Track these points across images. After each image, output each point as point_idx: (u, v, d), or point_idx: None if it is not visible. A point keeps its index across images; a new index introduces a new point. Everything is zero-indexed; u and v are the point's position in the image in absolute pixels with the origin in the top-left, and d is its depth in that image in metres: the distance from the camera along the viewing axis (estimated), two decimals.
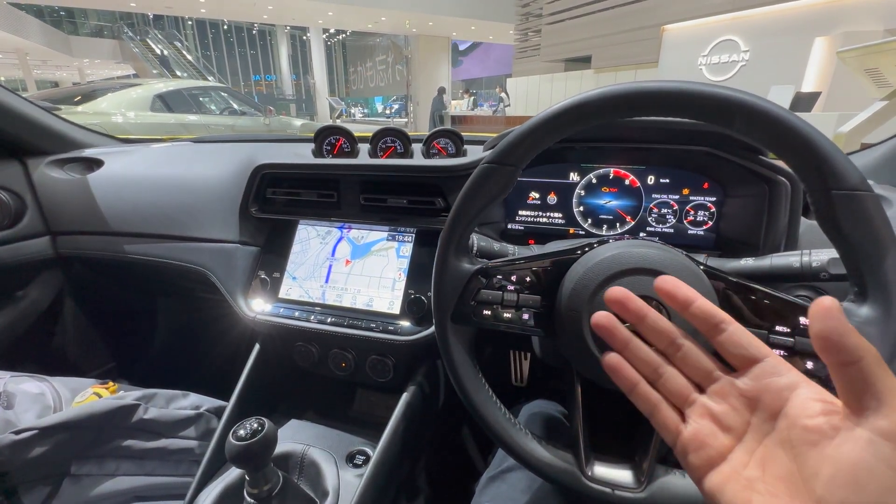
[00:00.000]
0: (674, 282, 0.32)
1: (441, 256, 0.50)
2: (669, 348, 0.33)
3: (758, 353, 0.29)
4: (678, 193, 0.72)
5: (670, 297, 0.32)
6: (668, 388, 0.32)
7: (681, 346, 0.32)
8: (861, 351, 0.24)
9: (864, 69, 1.56)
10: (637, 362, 0.34)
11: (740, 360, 0.30)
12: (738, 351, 0.30)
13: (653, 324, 0.33)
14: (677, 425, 0.31)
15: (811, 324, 0.25)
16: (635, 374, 0.33)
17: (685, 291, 0.32)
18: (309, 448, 0.73)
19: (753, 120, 0.39)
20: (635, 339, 0.34)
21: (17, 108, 0.98)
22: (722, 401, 0.30)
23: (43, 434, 0.65)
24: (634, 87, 0.42)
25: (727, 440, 0.29)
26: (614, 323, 0.34)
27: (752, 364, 0.29)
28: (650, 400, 0.32)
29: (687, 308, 0.32)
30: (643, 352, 0.33)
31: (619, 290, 0.34)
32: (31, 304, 1.05)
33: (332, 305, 0.80)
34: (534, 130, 0.45)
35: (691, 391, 0.31)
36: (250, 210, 0.87)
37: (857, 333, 0.25)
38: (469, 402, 0.50)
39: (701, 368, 0.32)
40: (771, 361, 0.29)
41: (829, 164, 0.38)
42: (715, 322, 0.31)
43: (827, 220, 0.39)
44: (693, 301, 0.31)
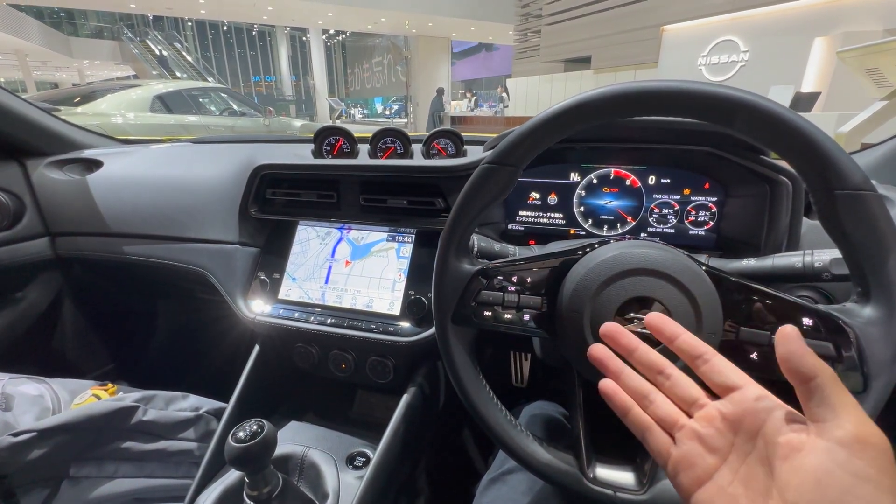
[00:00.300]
0: (661, 318, 0.37)
1: (441, 257, 0.49)
2: (659, 377, 0.36)
3: (738, 380, 0.32)
4: (679, 193, 0.72)
5: (657, 332, 0.36)
6: (658, 413, 0.35)
7: (670, 375, 0.35)
8: (817, 370, 0.28)
9: (864, 69, 1.56)
10: (629, 390, 0.36)
11: (722, 388, 0.33)
12: (720, 379, 0.33)
13: (643, 356, 0.36)
14: (668, 448, 0.33)
15: (776, 348, 0.30)
16: (628, 399, 0.36)
17: (671, 328, 0.36)
18: (309, 450, 0.72)
19: (755, 119, 0.39)
20: (627, 369, 0.37)
21: (16, 109, 0.98)
22: (708, 424, 0.32)
23: (41, 436, 0.65)
24: (635, 87, 0.41)
25: (713, 460, 0.31)
26: (608, 355, 0.38)
27: (733, 390, 0.32)
28: (642, 424, 0.35)
29: (672, 342, 0.36)
30: (635, 381, 0.36)
31: (611, 325, 0.38)
32: (29, 306, 1.04)
33: (331, 306, 0.80)
34: (534, 130, 0.45)
35: (680, 416, 0.34)
36: (250, 211, 0.87)
37: (813, 355, 0.29)
38: (469, 404, 0.50)
39: (688, 396, 0.34)
40: (750, 388, 0.32)
41: (831, 163, 0.37)
42: (698, 353, 0.34)
43: (829, 220, 0.39)
44: (678, 336, 0.35)
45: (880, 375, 0.38)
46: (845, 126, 1.49)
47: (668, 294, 0.43)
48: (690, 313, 0.42)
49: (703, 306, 0.42)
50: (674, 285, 0.43)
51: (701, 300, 0.42)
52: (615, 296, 0.44)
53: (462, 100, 15.70)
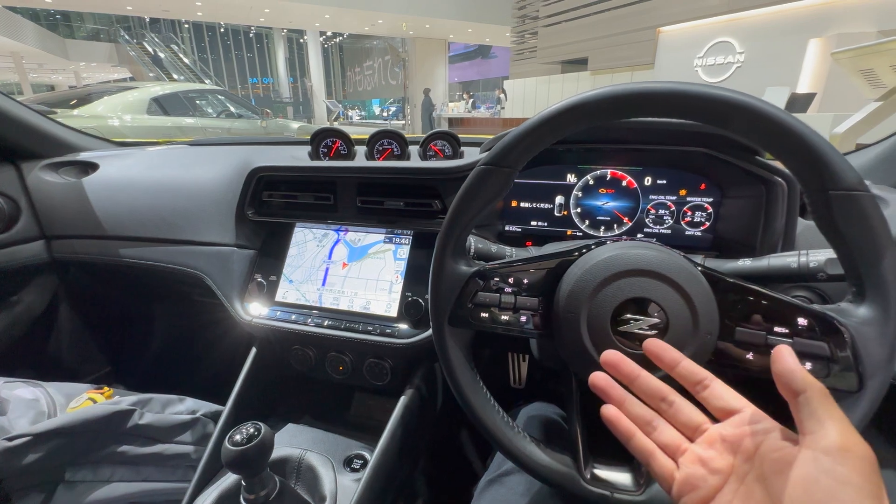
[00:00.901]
0: (660, 345, 0.38)
1: (438, 259, 0.49)
2: (661, 404, 0.37)
3: (737, 404, 0.34)
4: (675, 194, 0.72)
5: (657, 358, 0.37)
6: (661, 439, 0.36)
7: (672, 402, 0.36)
8: (806, 384, 0.30)
9: (858, 70, 1.57)
10: (632, 417, 0.37)
11: (722, 412, 0.34)
12: (720, 403, 0.34)
13: (645, 384, 0.37)
14: (671, 472, 0.34)
15: (772, 365, 0.32)
16: (631, 426, 0.37)
17: (671, 354, 0.37)
18: (306, 452, 0.72)
19: (750, 121, 0.39)
20: (630, 397, 0.38)
21: (11, 112, 0.97)
22: (709, 447, 0.34)
23: (37, 440, 0.64)
24: (631, 88, 0.41)
25: (715, 481, 0.32)
26: (610, 383, 0.38)
27: (732, 414, 0.34)
28: (645, 450, 0.36)
29: (673, 368, 0.36)
30: (637, 408, 0.37)
31: (612, 353, 0.38)
32: (25, 309, 1.04)
33: (328, 308, 0.79)
34: (530, 132, 0.45)
35: (682, 441, 0.35)
36: (246, 213, 0.86)
37: (804, 372, 0.31)
38: (467, 406, 0.50)
39: (691, 422, 0.35)
40: (749, 411, 0.33)
41: (826, 164, 0.38)
42: (698, 379, 0.36)
43: (824, 221, 0.39)
44: (678, 362, 0.36)
45: (875, 375, 0.38)
46: (840, 127, 1.50)
47: (665, 295, 0.43)
48: (686, 314, 0.42)
49: (699, 307, 0.42)
50: (670, 286, 0.43)
51: (697, 301, 0.42)
52: (611, 297, 0.44)
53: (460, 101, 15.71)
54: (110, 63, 19.73)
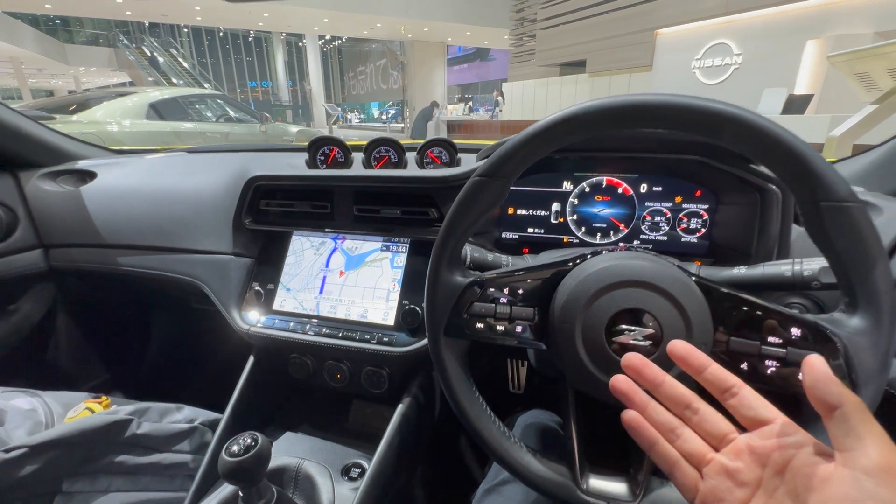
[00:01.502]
0: (687, 348, 0.35)
1: (433, 270, 0.49)
2: (686, 412, 0.35)
3: (768, 415, 0.32)
4: (671, 201, 0.73)
5: (684, 362, 0.35)
6: (685, 448, 0.34)
7: (697, 409, 0.35)
8: (842, 398, 0.28)
9: (854, 73, 1.57)
10: (655, 424, 0.35)
11: (751, 422, 0.32)
12: (750, 413, 0.33)
13: (669, 390, 0.35)
14: (695, 482, 0.33)
15: (803, 377, 0.30)
16: (654, 433, 0.35)
17: (699, 358, 0.35)
18: (304, 462, 0.72)
19: (742, 132, 0.40)
20: (653, 403, 0.36)
21: (9, 121, 0.97)
22: (736, 458, 0.32)
23: (34, 452, 0.64)
24: (624, 101, 0.42)
25: (742, 494, 0.31)
26: (633, 388, 0.36)
27: (762, 424, 0.32)
28: (669, 458, 0.34)
29: (700, 373, 0.34)
30: (661, 415, 0.35)
31: (635, 356, 0.37)
32: (23, 318, 1.04)
33: (326, 317, 0.79)
34: (524, 143, 0.45)
35: (708, 451, 0.33)
36: (244, 222, 0.87)
37: (839, 384, 0.29)
38: (463, 416, 0.50)
39: (717, 431, 0.34)
40: (780, 422, 0.32)
41: (817, 175, 0.38)
42: (727, 386, 0.34)
43: (816, 232, 0.40)
44: (706, 367, 0.34)
45: (868, 385, 0.39)
46: (836, 130, 1.51)
47: (659, 305, 0.43)
48: (680, 324, 0.42)
49: (692, 317, 0.42)
50: (664, 297, 0.43)
51: (690, 311, 0.42)
52: (606, 307, 0.44)
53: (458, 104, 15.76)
54: (109, 67, 19.77)
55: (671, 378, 0.36)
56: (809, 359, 0.31)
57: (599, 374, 0.44)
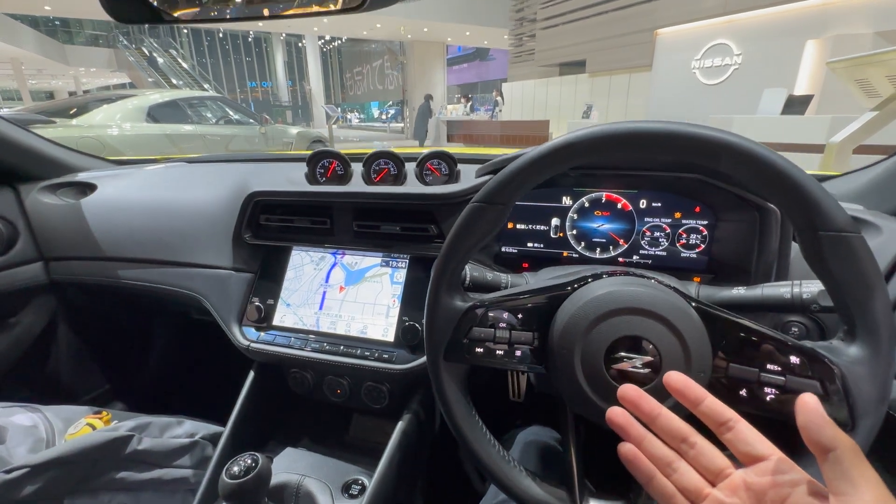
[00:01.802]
0: (683, 380, 0.35)
1: (433, 294, 0.50)
2: (683, 445, 0.35)
3: (764, 451, 0.32)
4: (670, 217, 0.73)
5: (680, 394, 0.35)
6: (682, 482, 0.34)
7: (694, 444, 0.35)
8: (836, 441, 0.28)
9: (854, 80, 1.57)
10: (652, 458, 0.35)
11: (747, 457, 0.33)
12: (746, 448, 0.33)
13: (665, 424, 0.35)
14: None
15: (797, 417, 0.30)
16: (651, 467, 0.35)
17: (695, 391, 0.35)
18: (304, 478, 0.72)
19: (739, 161, 0.40)
20: (650, 436, 0.36)
21: (7, 135, 0.98)
22: (732, 494, 0.32)
23: (35, 471, 0.64)
24: (621, 128, 0.42)
25: None
26: (629, 420, 0.36)
27: (758, 460, 0.32)
28: (665, 493, 0.34)
29: (696, 406, 0.35)
30: (658, 449, 0.35)
31: (631, 388, 0.37)
32: (24, 331, 1.04)
33: (326, 333, 0.80)
34: (522, 170, 0.45)
35: (705, 486, 0.34)
36: (244, 237, 0.87)
37: (833, 426, 0.29)
38: (463, 441, 0.50)
39: (714, 466, 0.34)
40: (775, 459, 0.32)
41: (815, 205, 0.38)
42: (723, 420, 0.34)
43: (815, 260, 0.40)
44: (702, 400, 0.35)
45: (867, 415, 0.39)
46: (836, 136, 1.51)
47: (658, 334, 0.43)
48: (679, 352, 0.42)
49: (691, 346, 0.42)
50: (663, 325, 0.43)
51: (689, 339, 0.42)
52: (605, 334, 0.44)
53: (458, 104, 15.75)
54: (109, 68, 19.78)
55: (667, 411, 0.36)
56: (803, 398, 0.31)
57: (598, 401, 0.44)
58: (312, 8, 0.61)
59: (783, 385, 0.41)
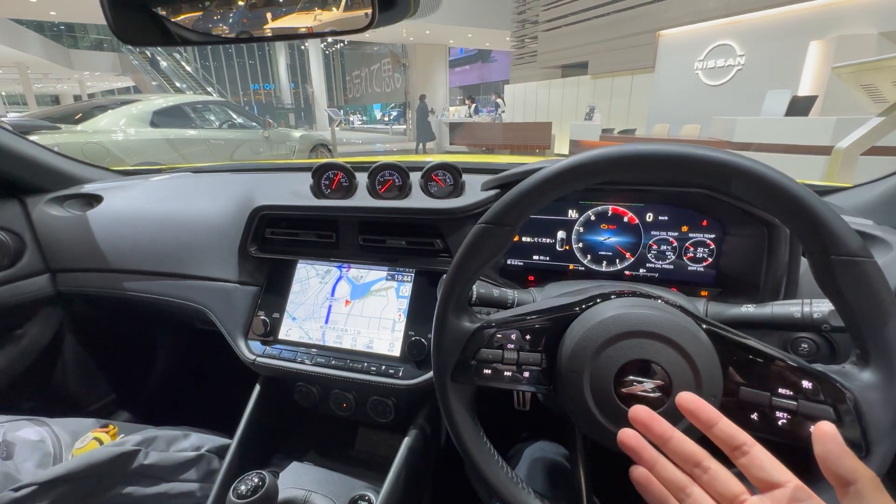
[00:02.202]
0: (696, 401, 0.34)
1: (440, 315, 0.49)
2: (696, 470, 0.34)
3: (780, 477, 0.31)
4: (677, 230, 0.72)
5: (693, 416, 0.34)
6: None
7: (707, 468, 0.33)
8: (856, 474, 0.27)
9: (859, 85, 1.56)
10: (664, 482, 0.34)
11: (763, 484, 0.31)
12: (761, 474, 0.31)
13: (678, 447, 0.34)
14: None
15: (814, 447, 0.29)
16: (663, 491, 0.34)
17: (708, 412, 0.34)
18: (311, 494, 0.72)
19: (751, 184, 0.39)
20: (662, 459, 0.35)
21: (14, 148, 0.98)
22: None
23: (42, 489, 0.65)
24: (630, 151, 0.42)
25: None
26: (642, 443, 0.35)
27: (774, 487, 0.31)
28: None
29: (709, 429, 0.34)
30: (671, 473, 0.34)
31: (643, 410, 0.36)
32: (30, 342, 1.04)
33: (332, 347, 0.79)
34: (531, 192, 0.45)
35: None
36: (249, 250, 0.87)
37: (853, 458, 0.28)
38: (471, 461, 0.50)
39: (728, 492, 0.32)
40: (792, 486, 0.30)
41: (827, 229, 0.38)
42: (737, 444, 0.33)
43: (826, 284, 0.39)
44: (716, 422, 0.33)
45: (882, 441, 0.38)
46: (843, 142, 1.50)
47: (668, 358, 0.42)
48: (689, 376, 0.42)
49: (701, 369, 0.42)
50: (673, 348, 0.43)
51: (699, 363, 0.42)
52: (614, 358, 0.44)
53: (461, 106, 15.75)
54: (114, 72, 19.89)
55: (679, 433, 0.35)
56: (820, 427, 0.30)
57: (608, 424, 0.44)
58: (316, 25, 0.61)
59: (795, 409, 0.41)
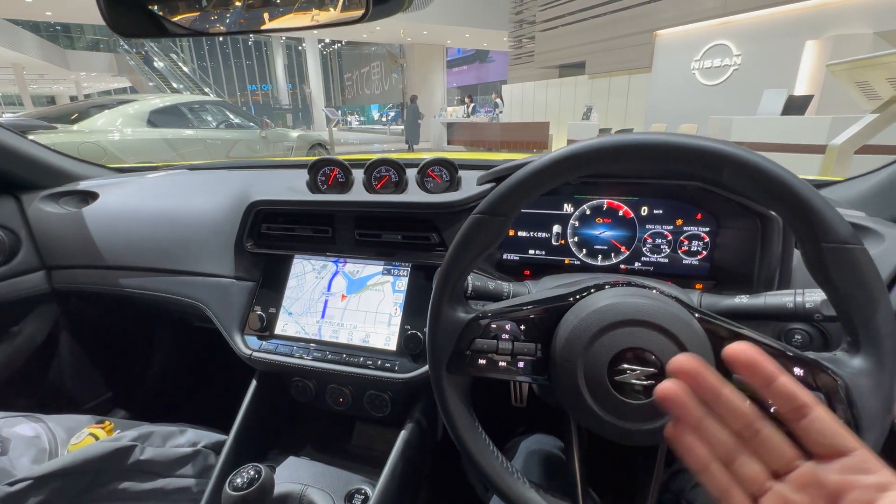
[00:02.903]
0: (755, 352, 0.29)
1: (435, 306, 0.49)
2: (745, 431, 0.30)
3: (846, 444, 0.27)
4: (672, 224, 0.73)
5: (749, 370, 0.29)
6: (741, 473, 0.29)
7: (758, 430, 0.29)
8: None
9: (854, 82, 1.57)
10: (709, 443, 0.30)
11: (824, 450, 0.28)
12: (822, 439, 0.28)
13: (728, 403, 0.30)
14: None
15: None
16: (707, 455, 0.30)
17: (769, 366, 0.29)
18: (307, 488, 0.72)
19: (742, 173, 0.40)
20: (708, 420, 0.30)
21: (9, 144, 0.98)
22: (800, 491, 0.28)
23: (37, 484, 0.64)
24: (623, 140, 0.42)
25: None
26: (686, 400, 0.30)
27: (837, 455, 0.27)
28: (721, 484, 0.30)
29: (768, 385, 0.29)
30: (718, 434, 0.30)
31: (690, 360, 0.31)
32: (26, 339, 1.04)
33: (328, 341, 0.79)
34: (525, 182, 0.45)
35: (767, 479, 0.29)
36: (245, 245, 0.87)
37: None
38: (466, 452, 0.50)
39: (781, 457, 0.29)
40: (860, 456, 0.27)
41: (818, 217, 0.38)
42: (798, 404, 0.28)
43: (817, 271, 0.40)
44: (775, 377, 0.29)
45: (872, 427, 0.38)
46: (837, 139, 1.50)
47: (661, 346, 0.43)
48: None
49: None
50: (666, 337, 0.43)
51: (692, 351, 0.42)
52: (608, 347, 0.44)
53: (459, 106, 15.77)
54: (110, 73, 19.83)
55: (731, 388, 0.30)
56: None
57: (602, 413, 0.44)
58: (312, 21, 0.61)
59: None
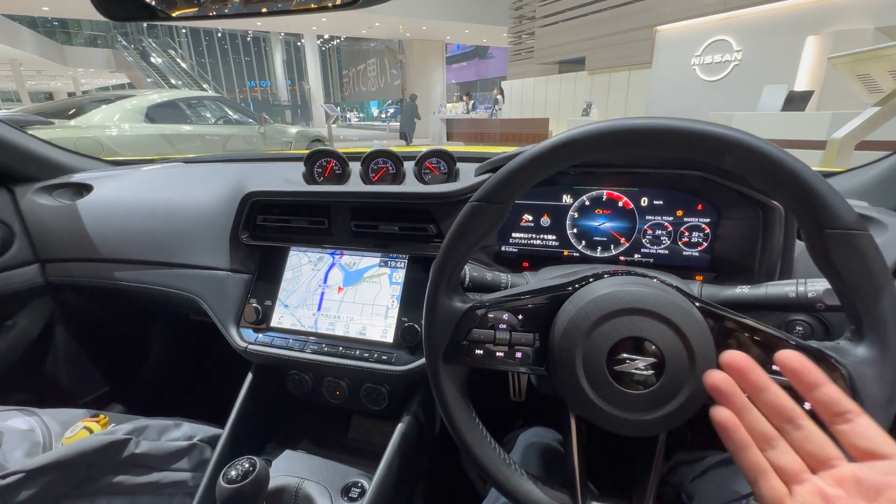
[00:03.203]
0: (801, 360, 0.31)
1: (431, 295, 0.49)
2: (787, 426, 0.31)
3: (887, 449, 0.28)
4: (672, 215, 0.72)
5: (794, 376, 0.31)
6: (778, 461, 0.31)
7: (801, 426, 0.31)
8: None
9: (855, 75, 1.56)
10: (750, 431, 0.32)
11: (864, 453, 0.29)
12: (863, 443, 0.29)
13: (773, 399, 0.32)
14: (782, 498, 0.30)
15: None
16: (748, 437, 0.32)
17: (814, 374, 0.31)
18: (303, 481, 0.71)
19: (745, 158, 0.39)
20: (752, 408, 0.32)
21: (2, 136, 0.97)
22: (837, 486, 0.29)
23: (31, 476, 0.64)
24: (623, 125, 0.41)
25: None
26: (733, 389, 0.33)
27: (877, 458, 0.28)
28: (758, 467, 0.31)
29: (811, 391, 0.31)
30: (759, 423, 0.32)
31: (738, 355, 0.33)
32: (20, 333, 1.03)
33: (324, 334, 0.79)
34: (522, 168, 0.44)
35: (804, 470, 0.30)
36: (241, 237, 0.86)
37: None
38: (463, 444, 0.49)
39: (821, 453, 0.30)
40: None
41: (822, 202, 0.37)
42: (842, 410, 0.30)
43: (821, 258, 0.39)
44: (820, 385, 0.30)
45: (876, 417, 0.37)
46: (838, 132, 1.49)
47: (661, 334, 0.42)
48: (683, 354, 0.42)
49: (695, 346, 0.41)
50: (666, 325, 0.42)
51: (693, 340, 0.42)
52: (607, 335, 0.43)
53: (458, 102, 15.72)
54: (108, 69, 19.75)
55: (777, 386, 0.32)
56: None
57: (601, 403, 0.43)
58: (309, 5, 0.60)
59: (788, 385, 0.40)
